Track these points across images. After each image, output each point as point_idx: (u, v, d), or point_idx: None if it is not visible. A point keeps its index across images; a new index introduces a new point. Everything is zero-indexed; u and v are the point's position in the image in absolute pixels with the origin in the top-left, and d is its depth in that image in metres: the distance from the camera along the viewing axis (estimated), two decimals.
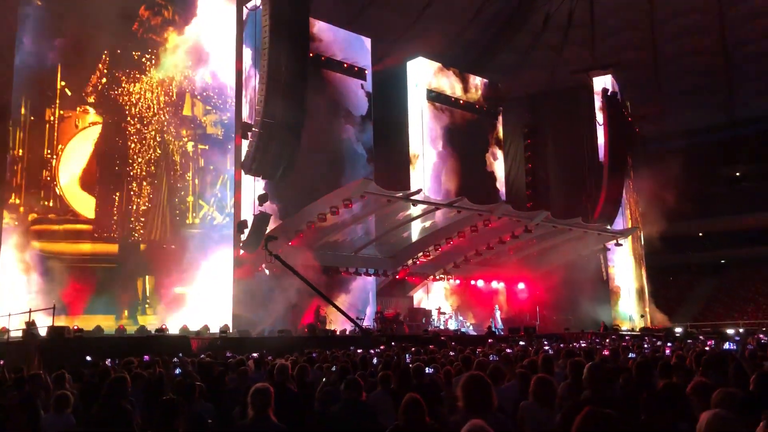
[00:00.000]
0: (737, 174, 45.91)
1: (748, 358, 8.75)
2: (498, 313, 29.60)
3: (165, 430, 4.58)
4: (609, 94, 33.32)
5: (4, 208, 19.86)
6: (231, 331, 20.44)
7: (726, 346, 8.43)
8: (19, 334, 16.56)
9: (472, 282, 31.09)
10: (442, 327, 27.24)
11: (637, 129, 37.31)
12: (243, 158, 22.06)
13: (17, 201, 20.34)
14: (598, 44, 36.21)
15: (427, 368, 7.60)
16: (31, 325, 16.60)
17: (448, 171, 32.91)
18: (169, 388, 7.27)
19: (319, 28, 27.63)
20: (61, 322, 17.69)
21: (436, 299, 30.31)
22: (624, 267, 34.91)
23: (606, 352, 9.28)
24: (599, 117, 33.53)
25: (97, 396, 7.38)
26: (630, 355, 8.56)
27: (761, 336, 19.54)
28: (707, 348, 11.17)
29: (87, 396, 7.44)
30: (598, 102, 33.68)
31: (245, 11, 24.33)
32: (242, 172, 23.05)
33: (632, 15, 36.31)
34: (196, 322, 20.07)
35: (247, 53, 24.50)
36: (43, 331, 16.30)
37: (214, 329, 20.00)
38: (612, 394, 5.33)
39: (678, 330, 28.99)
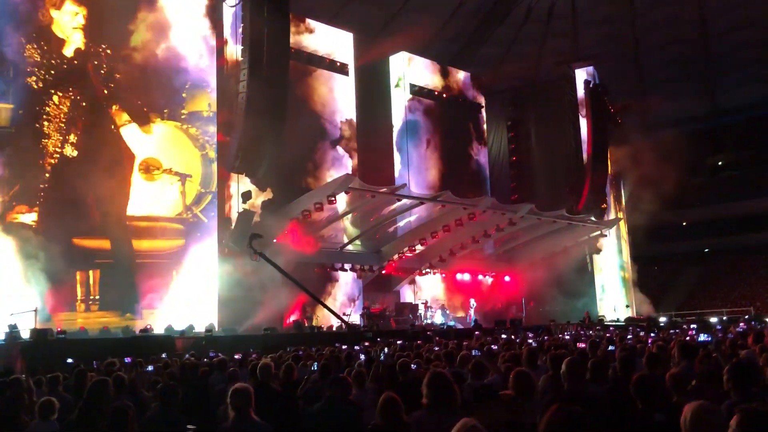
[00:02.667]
0: (720, 163, 46.27)
1: (729, 347, 8.84)
2: (473, 307, 29.64)
3: None
4: (591, 85, 33.44)
5: None
6: (216, 329, 20.35)
7: (701, 337, 8.50)
8: (1, 336, 16.42)
9: (459, 276, 31.15)
10: (428, 321, 27.28)
11: (619, 119, 37.46)
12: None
13: None
14: (579, 36, 36.29)
15: (412, 365, 7.60)
16: (13, 328, 16.46)
17: (432, 165, 32.94)
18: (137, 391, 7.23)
19: (301, 23, 27.52)
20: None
21: (423, 294, 30.36)
22: (609, 258, 35.13)
23: (582, 345, 9.32)
24: (582, 108, 33.66)
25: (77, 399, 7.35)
26: (609, 348, 8.59)
27: (742, 324, 19.76)
28: (688, 338, 11.27)
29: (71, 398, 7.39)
30: (580, 93, 33.80)
31: (224, 7, 24.09)
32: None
33: (613, 6, 36.42)
34: (181, 321, 19.95)
35: (229, 49, 24.29)
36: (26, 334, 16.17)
37: (200, 328, 19.91)
38: (595, 388, 5.35)
39: (662, 319, 29.25)
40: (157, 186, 22.48)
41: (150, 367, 9.97)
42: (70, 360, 11.39)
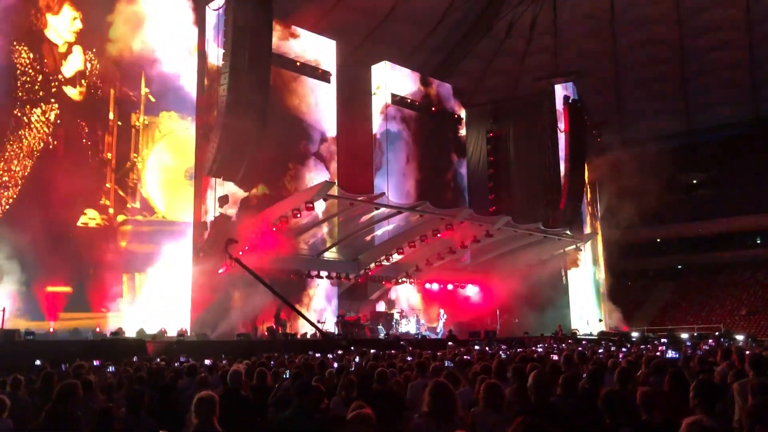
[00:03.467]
0: (694, 181, 46.95)
1: (698, 364, 8.94)
2: (442, 319, 29.67)
3: None
4: (570, 101, 33.81)
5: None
6: (189, 334, 20.16)
7: (669, 354, 8.59)
8: None
9: (434, 286, 31.19)
10: (403, 331, 27.27)
11: (597, 136, 37.92)
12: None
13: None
14: (560, 52, 36.76)
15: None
16: None
17: (412, 175, 33.02)
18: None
19: (283, 30, 27.48)
20: None
21: (399, 303, 30.36)
22: (583, 272, 35.41)
23: (555, 357, 9.36)
24: (560, 123, 33.98)
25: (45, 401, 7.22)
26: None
27: (711, 341, 20.01)
28: (658, 353, 11.38)
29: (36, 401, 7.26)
30: (559, 109, 34.12)
31: (207, 11, 24.00)
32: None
33: (594, 25, 37.00)
34: (153, 324, 19.73)
35: (211, 54, 24.15)
36: None
37: (172, 332, 19.72)
38: (562, 401, 5.37)
39: (635, 334, 29.52)
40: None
41: (111, 368, 9.82)
42: (38, 362, 11.17)
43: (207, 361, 10.92)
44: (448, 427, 4.23)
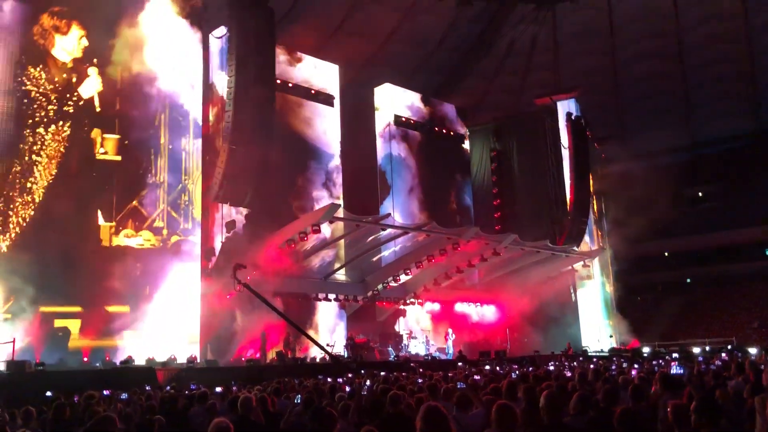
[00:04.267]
0: (700, 194, 46.82)
1: (713, 378, 8.87)
2: (451, 338, 29.51)
3: None
4: (573, 117, 33.90)
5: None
6: (198, 361, 20.10)
7: (674, 370, 8.51)
8: None
9: (442, 306, 31.08)
10: (412, 352, 27.14)
11: (601, 151, 37.95)
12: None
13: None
14: (561, 69, 36.93)
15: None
16: None
17: (416, 195, 33.06)
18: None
19: (287, 56, 27.74)
20: None
21: (407, 324, 30.23)
22: (592, 288, 35.26)
23: (568, 374, 9.30)
24: (564, 140, 34.04)
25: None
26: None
27: (724, 355, 19.83)
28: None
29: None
30: (562, 126, 34.20)
31: (211, 39, 24.26)
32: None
33: (594, 40, 37.16)
34: (162, 351, 19.68)
35: (216, 81, 24.36)
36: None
37: (182, 359, 19.66)
38: (575, 421, 5.34)
39: (646, 350, 29.28)
40: None
41: (124, 395, 9.80)
42: (49, 393, 11.16)
43: (218, 389, 10.88)
44: None
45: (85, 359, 19.18)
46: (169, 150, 22.99)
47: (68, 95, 21.52)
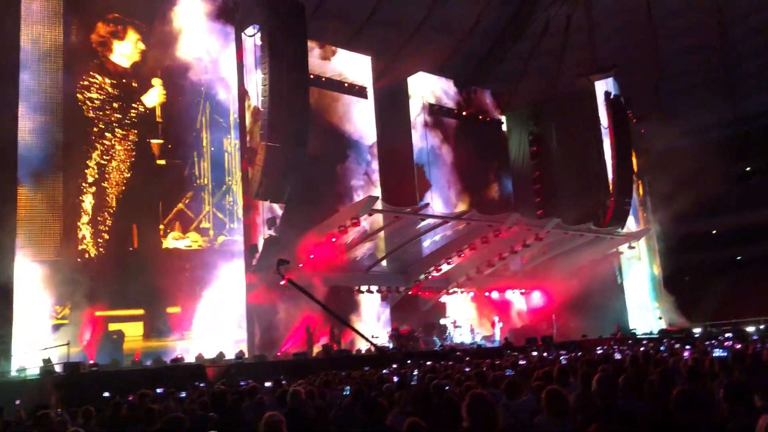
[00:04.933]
0: (747, 170, 45.50)
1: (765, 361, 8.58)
2: (498, 326, 29.31)
3: None
4: (612, 97, 33.23)
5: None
6: (246, 356, 20.36)
7: (717, 353, 8.24)
8: (37, 371, 16.60)
9: (486, 294, 30.91)
10: (457, 341, 27.05)
11: (642, 129, 37.12)
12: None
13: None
14: (598, 48, 36.17)
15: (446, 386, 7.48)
16: (47, 362, 16.64)
17: (456, 183, 32.88)
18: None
19: (318, 49, 27.81)
20: None
21: (451, 313, 30.13)
22: (638, 269, 34.64)
23: (618, 357, 9.15)
24: (604, 120, 33.45)
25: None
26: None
27: None
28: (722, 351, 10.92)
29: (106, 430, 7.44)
30: (601, 105, 33.61)
31: (243, 37, 24.46)
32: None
33: (631, 16, 36.26)
34: (211, 349, 19.99)
35: (249, 79, 24.57)
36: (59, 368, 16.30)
37: (230, 355, 19.94)
38: (629, 404, 5.22)
39: (697, 330, 28.65)
40: None
41: (183, 393, 10.00)
42: (106, 393, 11.46)
43: (267, 383, 11.01)
44: None
45: (136, 359, 19.59)
46: (211, 151, 23.29)
47: (131, 102, 22.07)
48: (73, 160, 20.66)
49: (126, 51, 22.14)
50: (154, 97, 22.44)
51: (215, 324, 21.36)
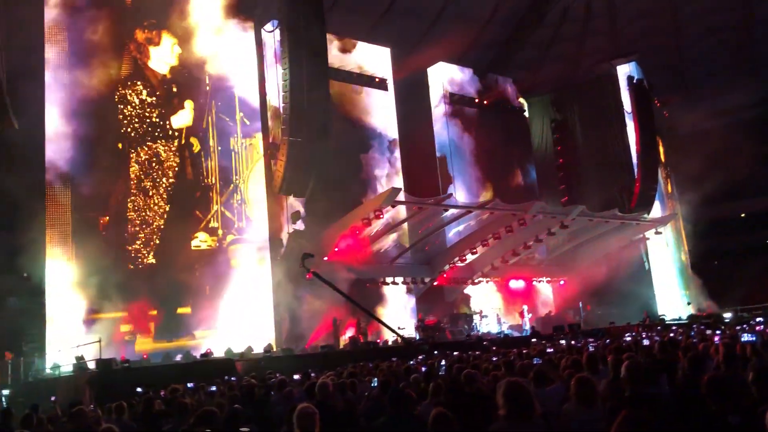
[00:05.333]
0: None
1: None
2: (526, 314, 29.18)
3: None
4: (635, 81, 32.83)
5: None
6: (275, 350, 20.54)
7: (745, 338, 8.09)
8: (70, 368, 16.92)
9: (512, 283, 30.80)
10: (484, 331, 27.01)
11: (666, 113, 36.62)
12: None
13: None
14: (619, 32, 35.71)
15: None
16: (80, 359, 16.94)
17: (478, 173, 32.73)
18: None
19: (337, 42, 27.81)
20: None
21: (477, 303, 30.07)
22: (666, 255, 34.27)
23: (647, 343, 9.06)
24: (627, 105, 33.07)
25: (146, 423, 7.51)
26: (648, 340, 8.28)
27: None
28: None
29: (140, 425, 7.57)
30: (624, 90, 33.22)
31: (263, 33, 24.56)
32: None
33: None
34: (239, 343, 20.19)
35: (269, 75, 24.68)
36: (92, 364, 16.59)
37: (258, 349, 20.13)
38: (658, 390, 5.19)
39: (727, 315, 28.27)
40: None
41: (213, 388, 10.13)
42: (139, 389, 11.66)
43: (296, 376, 11.10)
44: (527, 428, 4.14)
45: (144, 357, 19.85)
46: (218, 151, 23.50)
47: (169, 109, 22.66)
48: (108, 161, 21.15)
49: (163, 56, 22.53)
50: (184, 118, 22.78)
51: (239, 319, 21.59)
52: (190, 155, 22.85)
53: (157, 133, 22.38)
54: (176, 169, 22.45)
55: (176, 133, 22.69)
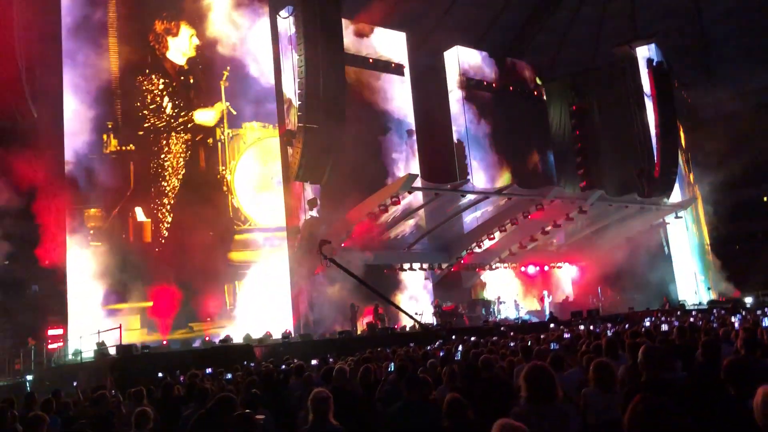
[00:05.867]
0: None
1: None
2: (547, 299, 29.06)
3: None
4: (654, 64, 32.40)
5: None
6: (293, 335, 20.68)
7: (766, 323, 7.99)
8: (92, 354, 17.17)
9: (530, 268, 30.68)
10: (502, 317, 26.97)
11: (687, 96, 36.12)
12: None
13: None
14: (638, 14, 35.21)
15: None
16: (101, 345, 17.18)
17: (495, 158, 32.58)
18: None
19: (353, 28, 27.72)
20: None
21: (495, 289, 30.02)
22: (686, 240, 33.94)
23: (665, 328, 8.99)
24: (646, 88, 32.65)
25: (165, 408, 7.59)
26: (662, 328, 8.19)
27: None
28: None
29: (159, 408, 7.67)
30: (644, 73, 32.80)
31: (278, 20, 24.53)
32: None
33: None
34: (258, 329, 20.34)
35: (285, 62, 24.67)
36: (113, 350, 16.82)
37: (277, 335, 20.28)
38: (674, 375, 5.15)
39: (748, 300, 28.00)
40: None
41: (228, 375, 10.19)
42: (160, 374, 11.81)
43: (314, 361, 11.16)
44: (552, 412, 4.13)
45: (164, 343, 20.07)
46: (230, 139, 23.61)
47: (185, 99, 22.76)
48: (126, 149, 21.29)
49: (181, 46, 22.70)
50: (208, 117, 22.94)
51: (257, 306, 21.74)
52: (204, 145, 22.91)
53: (173, 122, 22.43)
54: (190, 158, 22.50)
55: (192, 125, 22.75)
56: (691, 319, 14.54)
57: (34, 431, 5.31)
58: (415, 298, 27.01)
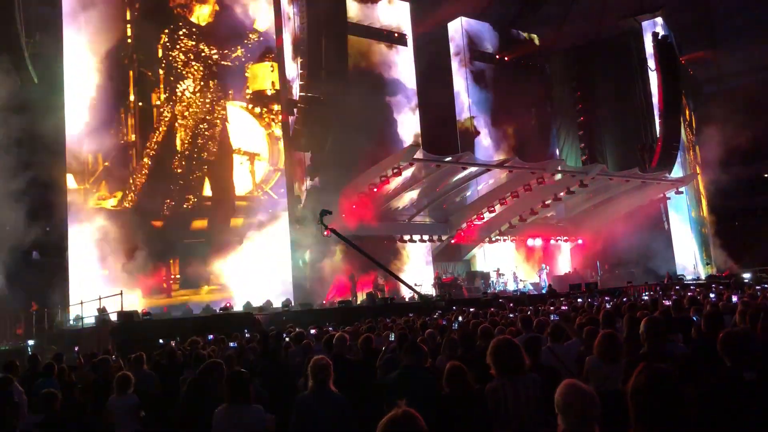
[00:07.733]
0: None
1: None
2: (544, 272, 29.16)
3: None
4: (660, 37, 32.08)
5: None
6: (293, 304, 20.79)
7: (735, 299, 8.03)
8: (92, 320, 17.28)
9: (530, 241, 30.74)
10: (501, 288, 27.10)
11: (691, 71, 35.82)
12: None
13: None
14: None
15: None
16: (102, 311, 17.28)
17: (497, 130, 32.44)
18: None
19: None
20: None
21: (494, 261, 30.10)
22: (686, 215, 33.95)
23: (667, 303, 9.05)
24: (651, 62, 32.39)
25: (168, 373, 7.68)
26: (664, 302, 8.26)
27: None
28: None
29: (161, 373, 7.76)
30: (648, 47, 32.50)
31: None
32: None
33: None
34: (258, 297, 20.43)
35: (287, 31, 24.43)
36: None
37: (277, 304, 20.38)
38: (674, 347, 5.20)
39: (746, 276, 28.07)
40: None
41: (233, 344, 10.27)
42: (161, 340, 11.90)
43: (312, 330, 11.24)
44: (522, 383, 4.29)
45: (165, 309, 20.18)
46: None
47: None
48: (131, 117, 21.27)
49: (204, 12, 22.64)
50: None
51: (258, 274, 21.81)
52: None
53: (180, 93, 22.26)
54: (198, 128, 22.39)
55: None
56: (690, 294, 14.60)
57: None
58: (415, 270, 27.07)
